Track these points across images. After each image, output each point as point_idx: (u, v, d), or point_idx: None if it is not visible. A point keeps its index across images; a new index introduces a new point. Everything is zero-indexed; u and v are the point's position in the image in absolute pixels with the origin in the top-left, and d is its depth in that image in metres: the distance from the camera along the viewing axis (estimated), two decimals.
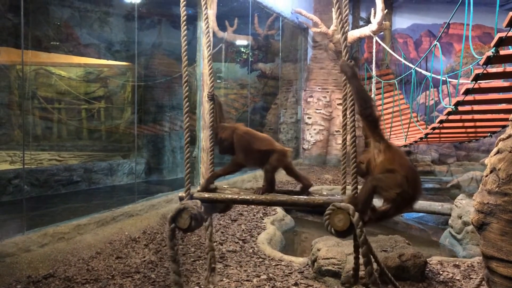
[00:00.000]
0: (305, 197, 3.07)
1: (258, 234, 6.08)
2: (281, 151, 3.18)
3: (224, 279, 4.51)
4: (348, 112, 2.92)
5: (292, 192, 3.34)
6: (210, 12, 8.02)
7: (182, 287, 3.00)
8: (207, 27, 3.40)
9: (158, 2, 10.79)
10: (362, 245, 2.73)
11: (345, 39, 2.91)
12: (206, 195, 3.14)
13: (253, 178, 9.68)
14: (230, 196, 3.15)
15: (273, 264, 4.98)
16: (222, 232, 6.10)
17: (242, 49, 14.18)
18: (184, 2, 3.12)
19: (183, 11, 3.15)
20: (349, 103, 2.89)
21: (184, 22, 3.15)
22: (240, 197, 3.13)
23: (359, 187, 2.84)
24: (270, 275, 4.63)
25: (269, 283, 4.40)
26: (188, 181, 3.11)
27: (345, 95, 2.95)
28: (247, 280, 4.48)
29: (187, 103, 3.19)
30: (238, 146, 3.22)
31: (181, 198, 3.10)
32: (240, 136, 3.23)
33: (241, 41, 13.45)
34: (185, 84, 3.21)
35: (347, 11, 2.95)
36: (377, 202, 2.86)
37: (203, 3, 3.48)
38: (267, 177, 3.18)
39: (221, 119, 3.44)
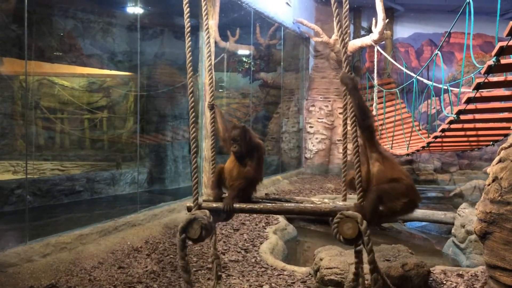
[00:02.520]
0: (312, 205, 3.09)
1: (261, 243, 6.06)
2: None
3: None
4: (349, 122, 2.94)
5: (282, 200, 3.39)
6: (212, 22, 8.08)
7: None
8: (208, 37, 3.43)
9: (161, 12, 10.86)
10: (369, 253, 2.75)
11: (346, 51, 2.94)
12: (214, 204, 3.14)
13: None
14: (237, 205, 3.14)
15: (276, 273, 4.96)
16: (224, 242, 6.08)
17: (244, 59, 14.23)
18: (188, 14, 3.16)
19: (187, 23, 3.19)
20: (350, 113, 2.91)
21: (189, 34, 3.19)
22: (248, 207, 3.13)
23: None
24: (273, 285, 4.61)
25: None
26: (195, 191, 3.12)
27: (345, 105, 2.97)
28: None
29: (193, 113, 3.22)
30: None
31: (189, 209, 3.11)
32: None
33: (243, 51, 13.51)
34: (191, 95, 3.26)
35: (347, 22, 2.98)
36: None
37: (204, 13, 3.50)
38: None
39: (226, 127, 3.53)
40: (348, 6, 2.98)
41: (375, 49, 11.33)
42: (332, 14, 3.05)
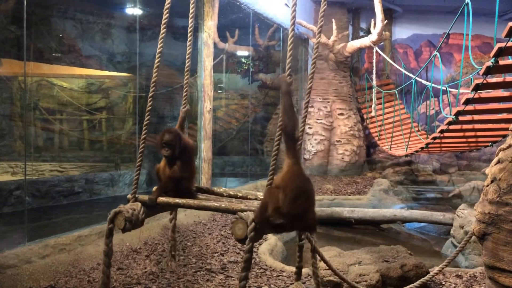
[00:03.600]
0: (227, 203, 3.40)
1: (260, 244, 6.06)
2: None
3: None
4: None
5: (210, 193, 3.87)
6: (210, 23, 8.08)
7: (109, 279, 3.43)
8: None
9: (160, 13, 10.84)
10: (245, 253, 2.92)
11: (290, 55, 3.17)
12: (146, 198, 3.58)
13: (254, 188, 9.67)
14: (164, 199, 3.55)
15: (275, 275, 4.96)
16: (223, 243, 6.08)
17: (243, 60, 14.24)
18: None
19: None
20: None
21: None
22: (174, 201, 3.53)
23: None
24: (272, 286, 4.61)
25: None
26: (135, 184, 3.61)
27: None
28: None
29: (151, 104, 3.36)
30: None
31: (128, 200, 3.59)
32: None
33: (242, 52, 13.52)
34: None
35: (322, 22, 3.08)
36: None
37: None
38: None
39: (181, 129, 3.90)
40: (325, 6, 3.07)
41: (374, 50, 11.35)
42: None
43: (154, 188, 3.70)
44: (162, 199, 3.54)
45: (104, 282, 3.39)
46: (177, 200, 3.52)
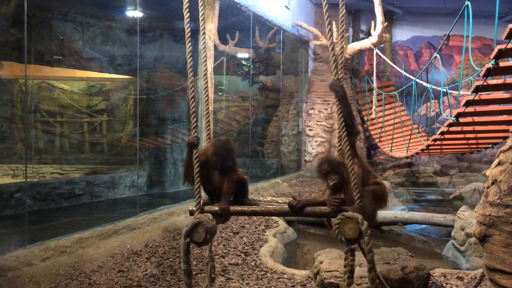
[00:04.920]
0: (312, 206, 3.14)
1: (260, 246, 6.06)
2: None
3: None
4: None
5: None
6: (211, 25, 8.10)
7: None
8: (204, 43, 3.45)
9: (160, 16, 10.87)
10: (369, 252, 2.81)
11: (335, 59, 3.01)
12: (216, 208, 3.17)
13: (255, 190, 9.67)
14: (239, 208, 3.22)
15: (276, 277, 4.96)
16: (224, 245, 6.08)
17: (244, 62, 14.25)
18: (188, 19, 3.17)
19: (187, 28, 3.21)
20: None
21: (189, 38, 3.20)
22: (250, 209, 3.22)
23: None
24: None
25: None
26: (198, 195, 3.14)
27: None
28: None
29: (194, 116, 3.25)
30: None
31: (191, 212, 3.15)
32: None
33: (242, 54, 13.53)
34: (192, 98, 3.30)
35: (344, 26, 3.03)
36: None
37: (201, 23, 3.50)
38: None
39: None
40: (344, 11, 3.04)
41: (374, 52, 11.36)
42: (331, 17, 3.08)
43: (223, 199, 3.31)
44: (235, 207, 3.21)
45: None
46: (253, 208, 3.20)
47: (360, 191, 2.93)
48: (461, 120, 6.79)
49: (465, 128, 7.49)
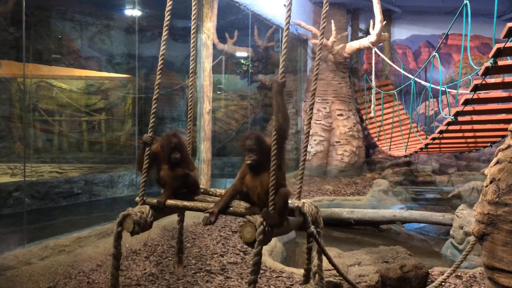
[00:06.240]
0: (235, 205, 3.27)
1: None
2: None
3: None
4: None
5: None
6: (210, 24, 8.09)
7: (117, 281, 3.39)
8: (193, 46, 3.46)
9: (159, 15, 10.86)
10: (255, 256, 2.88)
11: (284, 60, 3.11)
12: (154, 200, 3.47)
13: None
14: (174, 203, 3.45)
15: (274, 276, 4.96)
16: (223, 244, 6.08)
17: (242, 61, 14.25)
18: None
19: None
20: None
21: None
22: (182, 204, 3.44)
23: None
24: (271, 287, 4.61)
25: None
26: (143, 188, 3.54)
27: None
28: None
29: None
30: None
31: (136, 203, 3.50)
32: None
33: (241, 53, 13.53)
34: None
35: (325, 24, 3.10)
36: None
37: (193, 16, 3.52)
38: None
39: None
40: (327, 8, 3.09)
41: (373, 51, 11.36)
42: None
43: (162, 191, 3.64)
44: (170, 201, 3.46)
45: (113, 285, 3.38)
46: (185, 203, 3.44)
47: (274, 196, 2.90)
48: (460, 119, 6.80)
49: (464, 127, 7.50)
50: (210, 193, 3.77)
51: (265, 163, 2.95)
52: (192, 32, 3.60)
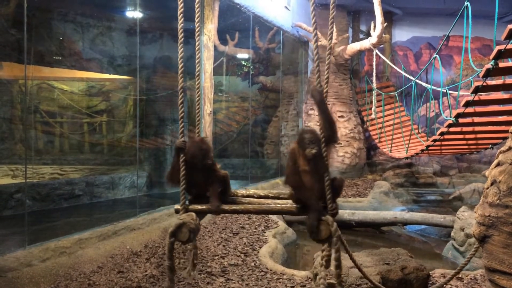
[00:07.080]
0: (281, 204, 3.35)
1: (260, 247, 6.06)
2: None
3: None
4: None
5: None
6: (211, 26, 8.10)
7: None
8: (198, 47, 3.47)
9: (160, 17, 10.88)
10: (336, 252, 3.07)
11: (318, 68, 3.24)
12: (199, 206, 3.35)
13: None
14: (225, 207, 3.37)
15: (275, 277, 4.96)
16: (224, 246, 6.08)
17: (243, 63, 14.26)
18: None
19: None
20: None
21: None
22: (231, 208, 3.37)
23: None
24: None
25: None
26: (183, 195, 3.34)
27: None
28: None
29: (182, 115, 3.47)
30: None
31: (177, 211, 3.34)
32: None
33: (242, 55, 13.54)
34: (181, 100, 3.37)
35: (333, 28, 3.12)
36: None
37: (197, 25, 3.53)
38: None
39: None
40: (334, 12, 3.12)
41: (374, 53, 11.36)
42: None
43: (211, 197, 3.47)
44: (225, 206, 3.37)
45: None
46: (234, 207, 3.38)
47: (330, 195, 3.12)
48: (461, 120, 6.79)
49: (465, 129, 7.49)
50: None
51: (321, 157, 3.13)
52: (196, 35, 3.58)
